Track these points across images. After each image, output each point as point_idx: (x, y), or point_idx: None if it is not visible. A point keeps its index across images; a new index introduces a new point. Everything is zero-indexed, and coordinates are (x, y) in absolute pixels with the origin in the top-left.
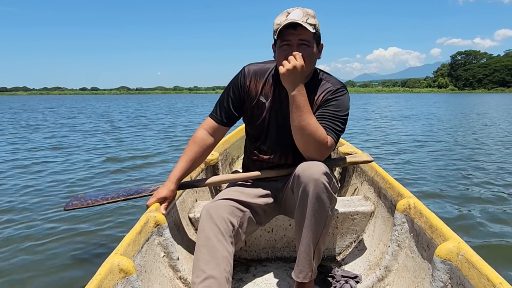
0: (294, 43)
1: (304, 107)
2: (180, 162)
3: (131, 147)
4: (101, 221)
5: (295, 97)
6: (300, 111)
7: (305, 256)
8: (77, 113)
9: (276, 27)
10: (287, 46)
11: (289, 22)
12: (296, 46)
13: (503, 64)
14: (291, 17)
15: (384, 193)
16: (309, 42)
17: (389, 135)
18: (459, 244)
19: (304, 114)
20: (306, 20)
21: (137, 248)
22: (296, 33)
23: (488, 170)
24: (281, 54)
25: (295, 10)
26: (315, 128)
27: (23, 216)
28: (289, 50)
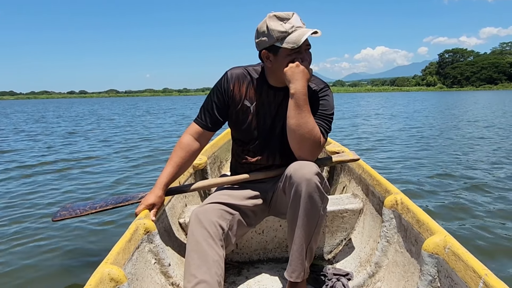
0: (303, 48)
1: (303, 106)
2: (166, 167)
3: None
4: (90, 230)
5: (296, 95)
6: (299, 109)
7: (298, 256)
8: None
9: (280, 34)
10: (297, 53)
11: (314, 30)
12: (304, 51)
13: (490, 61)
14: (296, 24)
15: (372, 190)
16: (310, 46)
17: (378, 133)
18: (445, 238)
19: (303, 112)
20: (304, 25)
21: (128, 256)
22: (307, 39)
23: (473, 164)
24: (289, 59)
25: (294, 16)
26: (312, 127)
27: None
28: (299, 56)
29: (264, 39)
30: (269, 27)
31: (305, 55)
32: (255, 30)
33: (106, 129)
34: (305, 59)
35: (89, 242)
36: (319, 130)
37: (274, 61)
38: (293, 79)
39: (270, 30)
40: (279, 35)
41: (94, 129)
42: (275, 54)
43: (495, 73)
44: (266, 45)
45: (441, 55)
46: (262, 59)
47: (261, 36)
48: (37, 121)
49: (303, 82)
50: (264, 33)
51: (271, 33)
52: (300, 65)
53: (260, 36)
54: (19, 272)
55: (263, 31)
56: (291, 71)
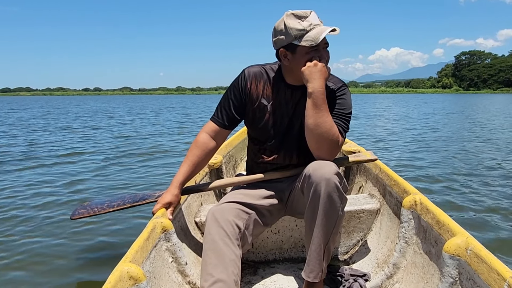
0: (321, 46)
1: (321, 105)
2: (182, 166)
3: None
4: (108, 228)
5: (314, 94)
6: (317, 109)
7: (316, 256)
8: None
9: (298, 32)
10: (315, 51)
11: (333, 28)
12: (322, 49)
13: (508, 64)
14: (314, 22)
15: (390, 190)
16: (328, 44)
17: (396, 133)
18: (467, 239)
19: (321, 111)
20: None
21: (146, 255)
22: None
23: (494, 166)
24: (307, 58)
25: (312, 14)
26: (330, 127)
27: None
28: (317, 54)
29: (281, 38)
30: (287, 25)
31: (323, 53)
32: (272, 28)
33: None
34: (323, 57)
35: (107, 240)
36: (337, 130)
37: (292, 59)
38: (311, 78)
39: (288, 29)
40: (297, 33)
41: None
42: (293, 53)
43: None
44: (284, 44)
45: (457, 57)
46: (280, 57)
47: (279, 35)
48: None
49: (321, 81)
50: (282, 31)
51: (289, 31)
52: (318, 64)
53: (277, 34)
54: (37, 269)
55: (280, 30)
56: (309, 70)
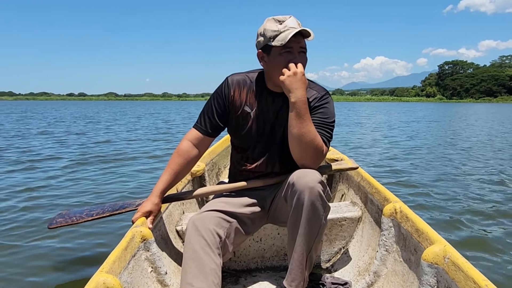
0: (296, 50)
1: (304, 115)
2: (163, 175)
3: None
4: (86, 238)
5: (296, 104)
6: (300, 119)
7: (298, 265)
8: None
9: (273, 33)
10: (288, 53)
11: (302, 29)
12: (297, 53)
13: (490, 74)
14: (290, 25)
15: (371, 198)
16: (306, 50)
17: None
18: (445, 247)
19: (304, 121)
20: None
21: (124, 265)
22: (296, 40)
23: (471, 173)
24: (282, 61)
25: (291, 18)
26: (314, 136)
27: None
28: (291, 57)
29: (260, 40)
30: (265, 27)
31: (298, 57)
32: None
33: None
34: (298, 61)
35: (84, 250)
36: (321, 140)
37: (268, 61)
38: (293, 88)
39: (265, 31)
40: (271, 34)
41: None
42: (268, 54)
43: (495, 86)
44: (261, 45)
45: (441, 67)
46: (259, 60)
47: (258, 37)
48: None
49: (302, 90)
50: (261, 34)
51: (266, 33)
52: (297, 73)
53: (257, 37)
54: (11, 281)
55: (260, 33)
56: (289, 80)
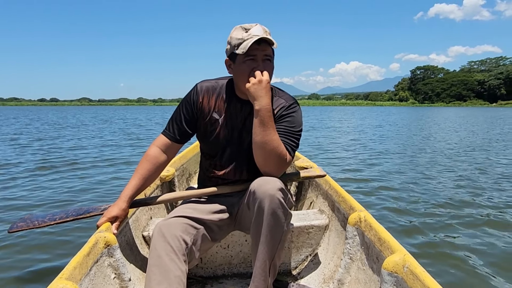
0: (260, 58)
1: (268, 123)
2: (132, 180)
3: None
4: (48, 243)
5: (261, 112)
6: (264, 126)
7: (261, 272)
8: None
9: (237, 41)
10: (252, 61)
11: (262, 37)
12: (261, 61)
13: (459, 79)
14: (254, 33)
15: (338, 206)
16: (271, 58)
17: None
18: (404, 257)
19: (268, 129)
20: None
21: (85, 271)
22: (260, 48)
23: (438, 178)
24: (245, 69)
25: (256, 26)
26: (277, 144)
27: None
28: (254, 65)
29: (227, 47)
30: (231, 35)
31: (262, 65)
32: None
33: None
34: (261, 69)
35: (45, 256)
36: (285, 148)
37: (234, 69)
38: (257, 96)
39: (231, 39)
40: (236, 42)
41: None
42: (234, 62)
43: (464, 90)
44: (228, 53)
45: (413, 71)
46: (227, 67)
47: (227, 45)
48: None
49: (267, 98)
50: (228, 42)
51: (231, 41)
52: (262, 81)
53: (226, 45)
54: None
55: (228, 40)
56: (254, 88)
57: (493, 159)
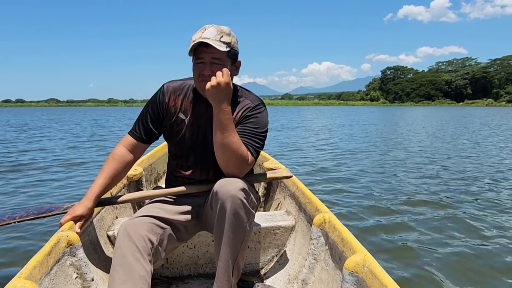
0: (207, 61)
1: (227, 125)
2: (98, 178)
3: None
4: (8, 242)
5: (219, 114)
6: (223, 129)
7: (224, 273)
8: None
9: (191, 44)
10: (201, 63)
11: (200, 41)
12: (209, 64)
13: (428, 79)
14: (204, 35)
15: (304, 207)
16: (221, 60)
17: (320, 145)
18: (365, 257)
19: (227, 131)
20: (219, 38)
21: (45, 270)
22: (208, 51)
23: (403, 179)
24: (195, 71)
25: (210, 28)
26: (237, 146)
27: None
28: (203, 68)
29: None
30: (191, 37)
31: (209, 68)
32: None
33: None
34: (207, 72)
35: (4, 256)
36: (246, 149)
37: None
38: (216, 98)
39: (191, 40)
40: (190, 45)
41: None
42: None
43: (433, 90)
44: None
45: (383, 72)
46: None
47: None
48: None
49: (226, 100)
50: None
51: (190, 42)
52: (221, 83)
53: None
54: None
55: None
56: (213, 90)
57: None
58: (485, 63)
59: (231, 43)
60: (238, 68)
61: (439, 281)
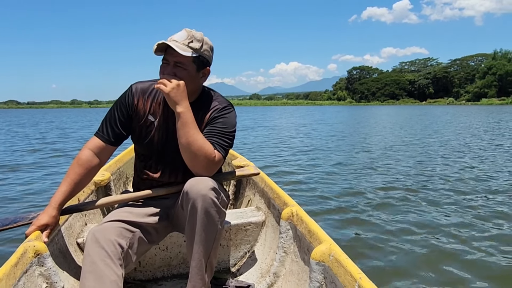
0: (171, 63)
1: (190, 124)
2: (62, 185)
3: None
4: None
5: (181, 114)
6: (186, 127)
7: (197, 272)
8: None
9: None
10: (165, 65)
11: (162, 42)
12: (172, 66)
13: (392, 79)
14: (174, 37)
15: (273, 203)
16: (184, 65)
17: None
18: (330, 246)
19: (190, 130)
20: (187, 43)
21: (12, 282)
22: (174, 53)
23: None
24: (160, 70)
25: (181, 31)
26: (201, 144)
27: None
28: (165, 68)
29: None
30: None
31: (171, 70)
32: None
33: None
34: (167, 72)
35: None
36: (211, 146)
37: None
38: (177, 100)
39: None
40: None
41: None
42: None
43: (397, 89)
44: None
45: (349, 72)
46: None
47: None
48: None
49: (186, 101)
50: None
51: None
52: (180, 85)
53: None
54: None
55: None
56: (173, 93)
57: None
58: (446, 63)
59: (200, 50)
60: (206, 76)
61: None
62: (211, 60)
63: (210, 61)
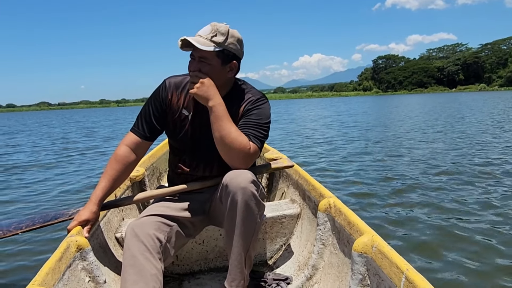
0: (196, 58)
1: (222, 117)
2: (101, 181)
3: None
4: (18, 250)
5: (213, 108)
6: (219, 121)
7: (237, 265)
8: None
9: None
10: (192, 59)
11: (183, 39)
12: (197, 61)
13: (420, 66)
14: (199, 32)
15: (308, 195)
16: (208, 60)
17: (319, 136)
18: (373, 237)
19: (223, 123)
20: (210, 37)
21: (58, 276)
22: (197, 49)
23: (406, 165)
24: (188, 66)
25: (206, 26)
26: (235, 136)
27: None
28: (191, 64)
29: None
30: None
31: (196, 65)
32: None
33: None
34: (193, 68)
35: (16, 263)
36: (246, 138)
37: None
38: (207, 95)
39: None
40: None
41: None
42: None
43: (425, 77)
44: None
45: (375, 61)
46: None
47: None
48: None
49: (217, 95)
50: None
51: None
52: (204, 82)
53: None
54: None
55: None
56: (201, 90)
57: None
58: (476, 48)
59: (224, 43)
60: (235, 70)
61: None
62: (238, 53)
63: (238, 54)
